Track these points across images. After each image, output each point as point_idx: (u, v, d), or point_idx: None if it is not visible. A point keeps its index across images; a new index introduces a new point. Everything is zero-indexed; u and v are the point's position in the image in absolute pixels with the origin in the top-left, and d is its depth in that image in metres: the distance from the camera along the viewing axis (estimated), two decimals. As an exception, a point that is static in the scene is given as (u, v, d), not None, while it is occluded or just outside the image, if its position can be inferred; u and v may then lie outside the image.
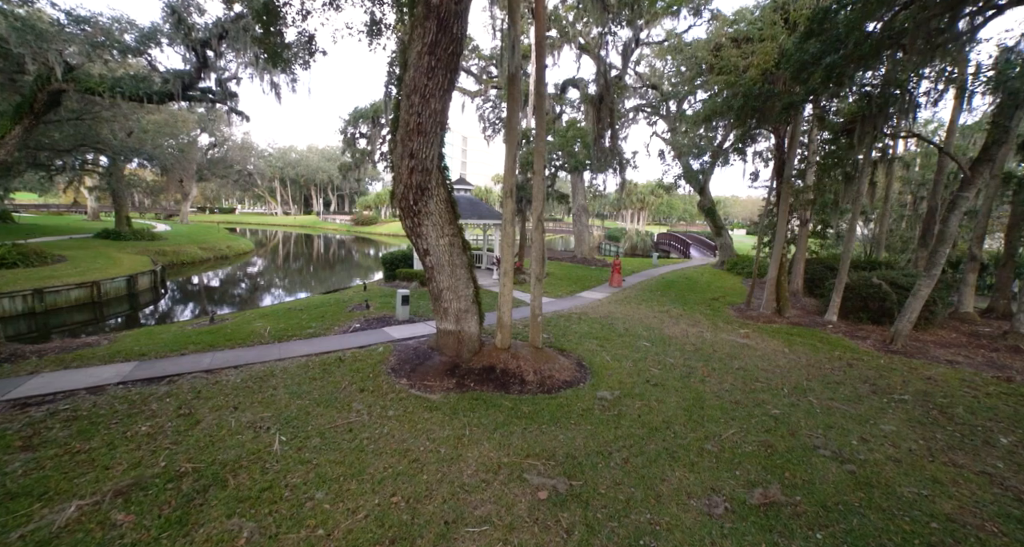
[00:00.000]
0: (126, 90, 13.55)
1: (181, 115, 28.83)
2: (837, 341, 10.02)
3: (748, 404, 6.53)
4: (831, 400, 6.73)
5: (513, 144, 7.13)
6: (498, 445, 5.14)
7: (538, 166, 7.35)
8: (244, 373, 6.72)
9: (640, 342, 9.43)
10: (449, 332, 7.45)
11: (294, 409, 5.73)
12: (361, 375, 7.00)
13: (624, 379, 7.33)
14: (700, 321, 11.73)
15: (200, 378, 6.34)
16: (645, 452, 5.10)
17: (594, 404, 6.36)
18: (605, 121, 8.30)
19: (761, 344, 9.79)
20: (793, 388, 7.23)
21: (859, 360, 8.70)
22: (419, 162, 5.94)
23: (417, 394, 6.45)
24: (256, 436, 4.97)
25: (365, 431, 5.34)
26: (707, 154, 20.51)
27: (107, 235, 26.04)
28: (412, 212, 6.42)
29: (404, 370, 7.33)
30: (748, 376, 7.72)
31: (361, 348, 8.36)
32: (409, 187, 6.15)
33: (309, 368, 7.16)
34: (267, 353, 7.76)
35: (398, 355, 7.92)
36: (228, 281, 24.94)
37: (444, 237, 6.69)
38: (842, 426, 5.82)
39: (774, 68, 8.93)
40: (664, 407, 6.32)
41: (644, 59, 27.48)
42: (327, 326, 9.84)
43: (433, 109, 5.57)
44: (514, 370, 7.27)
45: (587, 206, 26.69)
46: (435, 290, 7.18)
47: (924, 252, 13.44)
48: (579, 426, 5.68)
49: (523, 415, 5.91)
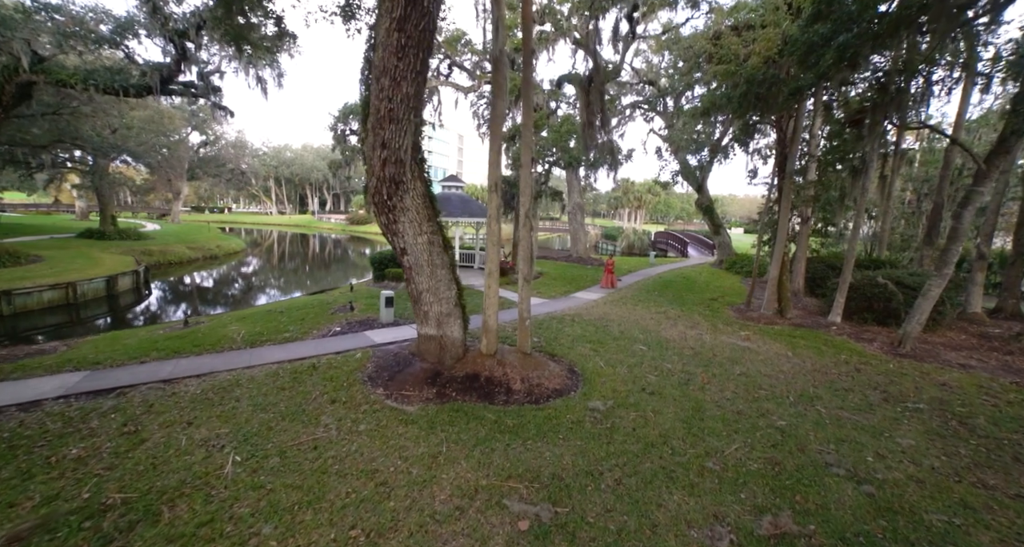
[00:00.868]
0: (100, 83, 12.97)
1: (168, 112, 28.15)
2: (842, 344, 9.56)
3: (752, 414, 6.05)
4: (840, 409, 6.26)
5: (498, 134, 6.62)
6: (477, 464, 4.64)
7: (525, 158, 6.84)
8: (206, 383, 6.20)
9: (636, 346, 8.94)
10: (430, 337, 6.95)
11: (256, 424, 5.21)
12: (334, 384, 6.49)
13: (618, 387, 6.84)
14: (699, 323, 11.26)
15: (156, 389, 5.82)
16: (640, 472, 4.61)
17: (585, 416, 5.87)
18: (595, 105, 7.77)
19: (763, 347, 9.32)
20: (799, 396, 6.76)
21: (867, 364, 8.23)
22: (392, 152, 5.43)
23: (393, 405, 5.94)
24: (207, 456, 4.45)
25: (331, 449, 4.83)
26: (705, 149, 20.02)
27: (90, 235, 25.37)
28: (387, 207, 5.91)
29: (381, 378, 6.81)
30: (751, 383, 7.24)
31: (338, 354, 7.84)
32: (382, 180, 5.64)
33: (279, 377, 6.64)
34: (236, 360, 7.23)
35: (376, 362, 7.41)
36: (215, 282, 24.34)
37: (422, 235, 6.18)
38: (855, 439, 5.34)
39: (777, 56, 8.44)
40: (661, 419, 5.83)
41: (641, 54, 27.04)
42: (306, 330, 9.32)
43: (405, 93, 5.06)
44: (500, 378, 6.77)
45: (583, 204, 26.21)
46: (414, 292, 6.67)
47: (929, 250, 13.01)
48: (568, 441, 5.18)
49: (507, 429, 5.41)
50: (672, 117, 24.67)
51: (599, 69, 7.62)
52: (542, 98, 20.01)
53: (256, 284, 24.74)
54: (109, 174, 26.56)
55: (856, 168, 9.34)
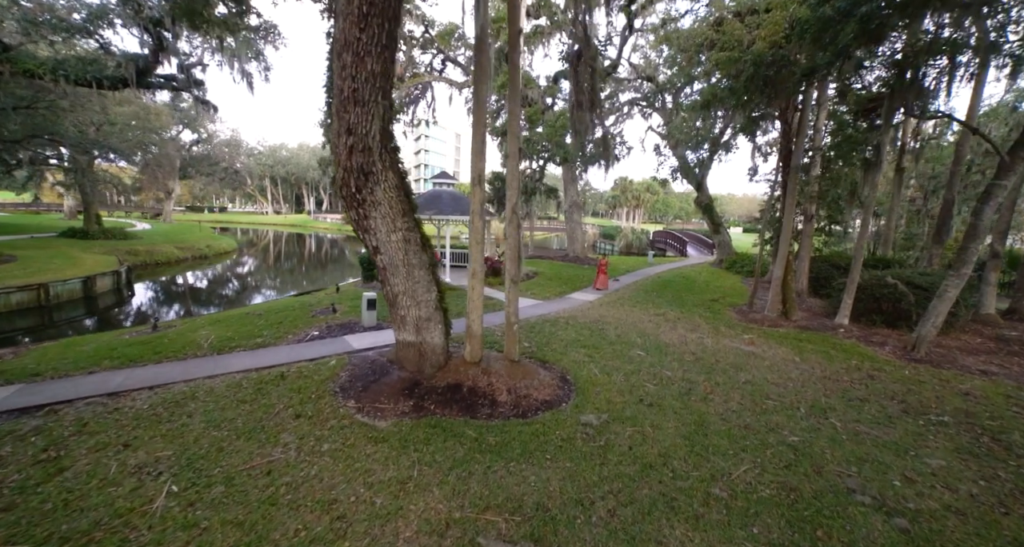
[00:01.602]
0: (71, 73, 12.32)
1: (155, 108, 27.46)
2: (852, 348, 9.01)
3: (760, 429, 5.49)
4: (857, 422, 5.70)
5: (481, 121, 6.05)
6: (451, 492, 4.07)
7: (512, 148, 6.26)
8: (158, 396, 5.60)
9: (633, 351, 8.38)
10: (409, 344, 6.37)
11: (205, 444, 4.62)
12: (301, 396, 5.90)
13: (614, 397, 6.27)
14: (700, 325, 10.70)
15: (96, 404, 5.21)
16: (637, 500, 4.04)
17: (577, 431, 5.30)
18: (584, 83, 7.18)
19: (768, 352, 8.77)
20: (811, 407, 6.20)
21: (880, 371, 7.68)
22: (358, 139, 4.84)
23: (363, 421, 5.36)
24: (137, 487, 3.86)
25: (287, 473, 4.25)
26: (706, 144, 19.45)
27: (73, 234, 24.67)
28: (356, 201, 5.32)
29: (355, 389, 6.23)
30: (757, 392, 6.68)
31: (312, 361, 7.25)
32: (349, 171, 5.05)
33: (241, 388, 6.05)
34: (198, 369, 6.63)
35: (351, 370, 6.82)
36: (201, 283, 23.70)
37: (397, 232, 5.59)
38: (877, 459, 4.78)
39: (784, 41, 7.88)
40: (661, 435, 5.26)
41: (639, 50, 26.52)
42: (281, 334, 8.73)
43: (371, 71, 4.47)
44: (484, 389, 6.20)
45: (580, 202, 25.64)
46: (390, 295, 6.09)
47: (938, 249, 12.48)
48: (556, 463, 4.61)
49: (489, 448, 4.84)
50: (671, 113, 24.14)
51: (588, 42, 7.04)
52: (537, 93, 19.44)
53: (244, 285, 24.10)
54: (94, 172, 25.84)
55: (869, 161, 8.77)
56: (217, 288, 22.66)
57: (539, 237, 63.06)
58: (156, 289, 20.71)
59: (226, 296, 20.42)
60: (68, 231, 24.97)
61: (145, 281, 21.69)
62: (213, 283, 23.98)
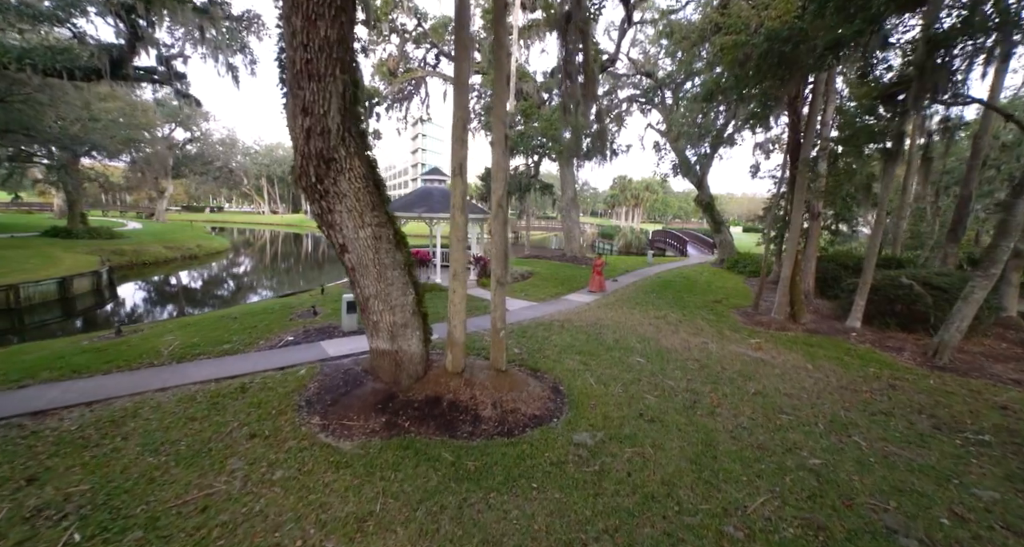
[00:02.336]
0: (40, 63, 11.66)
1: (143, 104, 26.77)
2: (867, 354, 8.39)
3: (776, 449, 4.85)
4: (884, 441, 5.07)
5: (462, 104, 5.41)
6: (418, 533, 3.43)
7: (497, 135, 5.63)
8: (94, 414, 4.95)
9: (632, 358, 7.74)
10: (383, 352, 5.73)
11: (135, 474, 3.98)
12: (261, 411, 5.26)
13: (611, 412, 5.64)
14: (703, 329, 10.07)
15: (12, 426, 4.56)
16: (637, 542, 3.41)
17: (568, 453, 4.67)
18: (575, 47, 6.52)
19: (778, 358, 8.14)
20: (830, 422, 5.57)
21: (902, 380, 7.05)
22: (316, 120, 4.20)
23: (327, 441, 4.72)
24: (29, 536, 3.21)
25: (227, 510, 3.61)
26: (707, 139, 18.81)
27: (56, 233, 23.96)
28: (318, 193, 4.69)
29: (322, 403, 5.59)
30: (769, 405, 6.05)
31: (280, 370, 6.61)
32: (308, 157, 4.41)
33: (194, 402, 5.40)
34: (150, 380, 5.99)
35: (321, 380, 6.18)
36: (187, 284, 23.02)
37: (365, 228, 4.95)
38: (915, 488, 4.15)
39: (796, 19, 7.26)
40: (664, 457, 4.63)
41: (638, 45, 25.90)
42: (252, 339, 8.08)
43: (324, 37, 3.84)
44: (466, 402, 5.56)
45: (577, 200, 25.02)
46: (360, 298, 5.45)
47: (953, 247, 11.87)
48: (544, 493, 3.98)
49: (466, 475, 4.20)
50: (671, 109, 23.54)
51: (580, 1, 6.38)
52: (532, 87, 18.80)
53: (231, 286, 23.44)
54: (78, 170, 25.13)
55: (889, 152, 8.13)
56: (203, 289, 21.98)
57: (537, 236, 62.37)
58: (139, 290, 20.03)
59: (212, 297, 19.75)
60: (51, 230, 24.25)
61: (129, 282, 21.01)
62: (199, 284, 23.29)
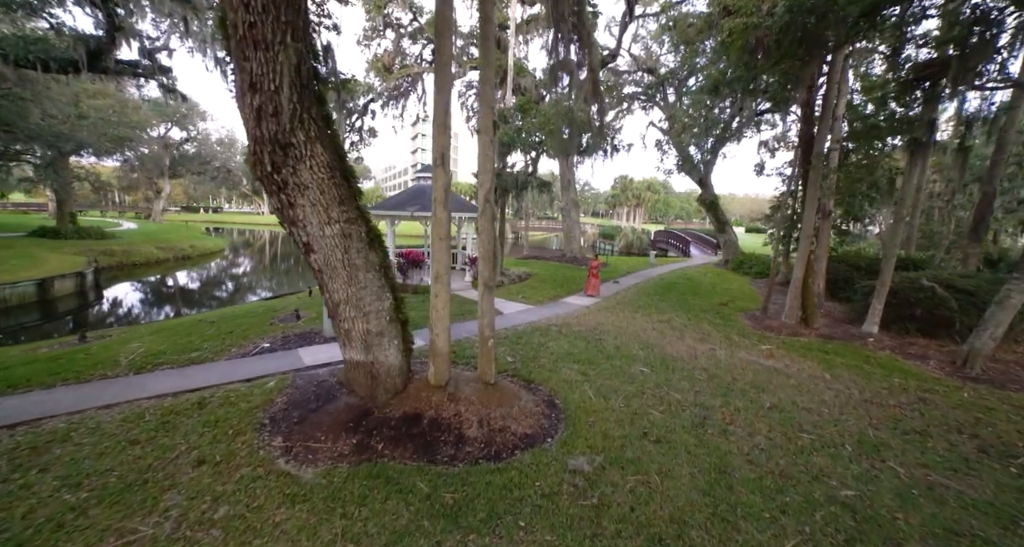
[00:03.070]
0: (10, 53, 11.09)
1: (134, 102, 26.24)
2: (889, 362, 7.77)
3: (800, 477, 4.24)
4: (925, 468, 4.45)
5: (444, 86, 4.82)
6: (377, 592, 2.83)
7: (484, 120, 5.04)
8: (14, 439, 4.34)
9: (635, 367, 7.14)
10: (357, 364, 5.13)
11: (41, 518, 3.36)
12: (217, 432, 4.66)
13: (612, 430, 5.04)
14: (710, 334, 9.46)
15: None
16: (642, 603, 2.80)
17: (563, 482, 4.06)
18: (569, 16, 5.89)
19: (792, 367, 7.53)
20: (858, 443, 4.95)
21: (932, 392, 6.43)
22: (267, 98, 3.61)
23: (286, 469, 4.12)
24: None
25: (149, 561, 3.01)
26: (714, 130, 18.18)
27: (43, 233, 23.43)
28: (275, 184, 4.09)
29: (288, 421, 4.99)
30: (787, 421, 5.44)
31: (247, 381, 6.03)
32: (261, 142, 3.82)
33: (141, 422, 4.81)
34: (97, 395, 5.40)
35: (291, 394, 5.59)
36: (176, 285, 22.47)
37: (332, 224, 4.36)
38: (975, 531, 3.53)
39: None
40: (672, 487, 4.02)
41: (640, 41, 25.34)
42: (224, 346, 7.49)
43: (271, -5, 3.25)
44: (449, 420, 4.96)
45: (577, 200, 24.44)
46: (329, 303, 4.86)
47: (975, 247, 11.24)
48: (532, 534, 3.38)
49: (443, 511, 3.60)
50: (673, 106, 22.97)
51: None
52: (530, 82, 18.23)
53: (221, 288, 22.89)
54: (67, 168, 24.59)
55: (919, 141, 7.49)
56: (192, 291, 21.43)
57: (538, 237, 61.78)
58: (126, 293, 19.48)
59: (200, 299, 19.19)
60: (38, 230, 23.71)
61: (117, 284, 20.47)
62: (189, 286, 22.74)
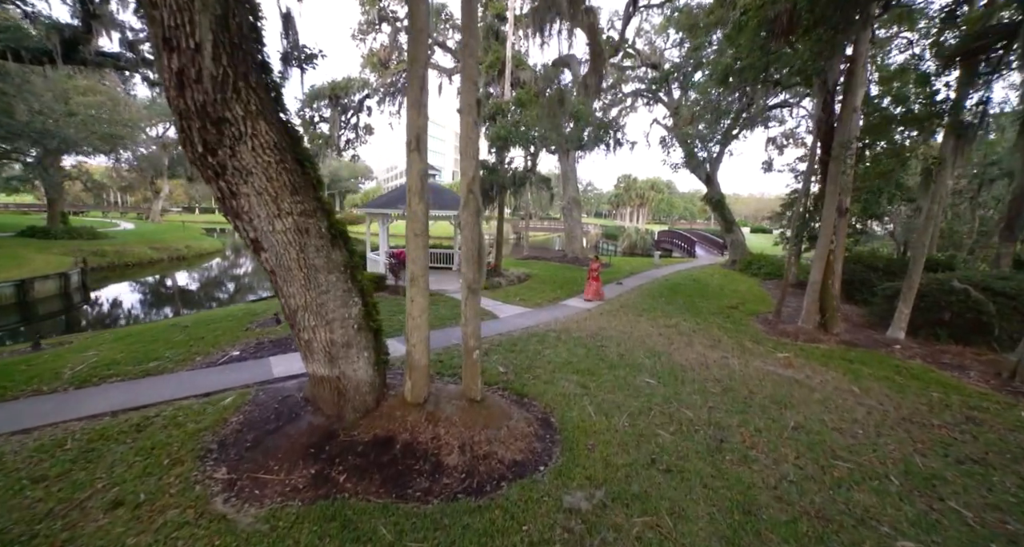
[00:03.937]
0: (-24, 42, 10.48)
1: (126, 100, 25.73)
2: (923, 373, 7.01)
3: (843, 521, 3.52)
4: (998, 511, 3.71)
5: (419, 59, 4.13)
6: None
7: (467, 99, 4.34)
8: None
9: (640, 378, 6.42)
10: (321, 379, 4.44)
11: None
12: (149, 462, 3.98)
13: (614, 456, 4.33)
14: (721, 340, 8.73)
15: None
16: None
17: (556, 525, 3.36)
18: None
19: (815, 377, 6.79)
20: (905, 474, 4.22)
21: (981, 410, 5.69)
22: (187, 59, 2.93)
23: (223, 510, 3.43)
24: None
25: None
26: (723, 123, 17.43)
27: (32, 233, 22.90)
28: (211, 169, 3.41)
29: (240, 445, 4.31)
30: (817, 444, 4.71)
31: (204, 396, 5.35)
32: (187, 116, 3.14)
33: (59, 450, 4.13)
34: (18, 417, 4.73)
35: (249, 412, 4.90)
36: (167, 287, 21.90)
37: (284, 217, 3.67)
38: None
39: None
40: (687, 531, 3.31)
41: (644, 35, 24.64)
42: (189, 355, 6.82)
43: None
44: (426, 445, 4.26)
45: (579, 199, 23.73)
46: (286, 310, 4.18)
47: (1009, 247, 10.47)
48: (514, 607, 2.67)
49: (406, 570, 2.90)
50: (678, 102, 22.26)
51: None
52: (530, 75, 17.56)
53: (211, 289, 22.31)
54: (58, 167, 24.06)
55: (964, 124, 6.73)
56: (182, 293, 20.83)
57: (540, 237, 60.97)
58: (114, 294, 18.89)
59: (189, 301, 18.60)
60: (27, 230, 23.19)
61: (107, 285, 19.91)
62: (179, 287, 22.16)
